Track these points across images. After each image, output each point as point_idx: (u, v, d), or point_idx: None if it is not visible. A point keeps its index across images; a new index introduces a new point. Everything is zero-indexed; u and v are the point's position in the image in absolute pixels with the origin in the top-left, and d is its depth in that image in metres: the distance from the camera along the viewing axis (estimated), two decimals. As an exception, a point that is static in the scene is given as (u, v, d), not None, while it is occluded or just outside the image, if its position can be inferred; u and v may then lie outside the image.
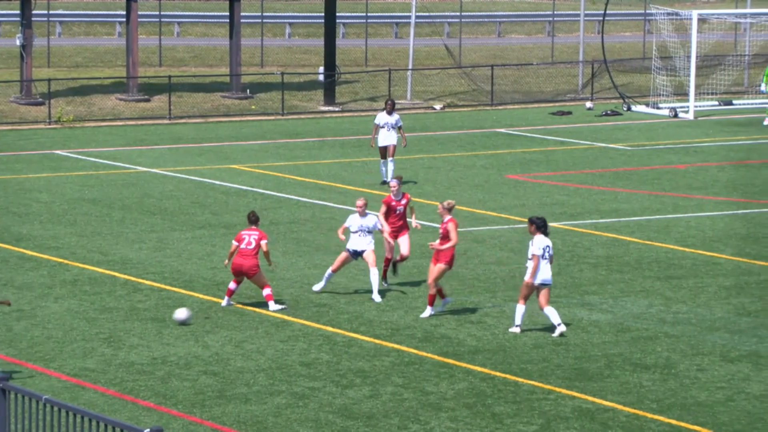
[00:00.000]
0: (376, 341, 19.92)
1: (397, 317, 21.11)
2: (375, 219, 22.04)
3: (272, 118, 42.29)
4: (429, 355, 19.28)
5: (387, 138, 31.01)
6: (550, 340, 20.14)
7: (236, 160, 34.75)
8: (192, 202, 29.61)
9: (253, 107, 43.10)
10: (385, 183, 30.83)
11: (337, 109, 43.68)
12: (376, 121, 31.14)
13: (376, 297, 21.89)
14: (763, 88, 42.08)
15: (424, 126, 41.11)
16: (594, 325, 20.97)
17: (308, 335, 20.14)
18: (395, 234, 22.38)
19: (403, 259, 22.58)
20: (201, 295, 22.12)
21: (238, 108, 42.93)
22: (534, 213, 29.03)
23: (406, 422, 16.80)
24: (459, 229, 21.34)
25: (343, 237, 21.98)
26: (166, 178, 32.31)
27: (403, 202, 22.66)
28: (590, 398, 17.72)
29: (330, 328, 20.47)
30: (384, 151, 31.12)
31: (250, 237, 21.19)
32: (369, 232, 21.92)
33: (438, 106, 44.77)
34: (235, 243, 21.22)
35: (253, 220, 21.45)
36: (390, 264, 22.59)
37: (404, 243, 22.49)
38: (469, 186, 31.91)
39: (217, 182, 31.71)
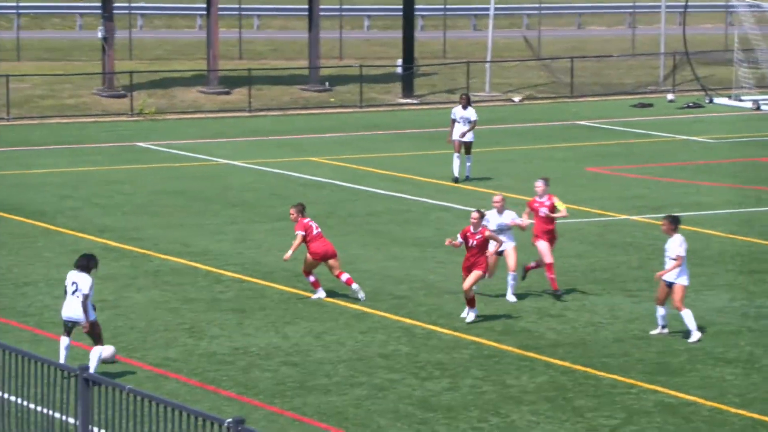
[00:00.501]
0: (455, 334, 19.90)
1: (477, 310, 21.05)
2: (512, 215, 21.29)
3: (350, 110, 42.38)
4: (509, 348, 19.23)
5: (462, 133, 30.71)
6: (631, 334, 20.00)
7: (314, 152, 34.88)
8: (271, 194, 29.78)
9: (331, 100, 43.23)
10: (456, 180, 30.50)
11: (415, 101, 43.67)
12: (452, 116, 30.95)
13: (511, 298, 21.32)
14: None
15: (502, 118, 40.97)
16: (676, 319, 20.77)
17: (387, 327, 20.17)
18: (547, 238, 21.34)
19: (538, 265, 21.52)
20: (281, 287, 22.24)
21: (317, 100, 43.08)
22: (613, 206, 28.85)
23: (486, 415, 16.77)
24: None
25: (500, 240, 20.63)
26: (246, 170, 32.52)
27: (548, 203, 21.58)
28: (672, 392, 17.58)
29: (409, 320, 20.48)
30: (459, 146, 30.78)
31: (313, 223, 21.22)
32: (507, 229, 21.19)
33: (517, 99, 44.59)
34: (301, 233, 21.11)
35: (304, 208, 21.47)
36: (551, 269, 21.34)
37: (545, 248, 21.34)
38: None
39: (296, 174, 31.86)
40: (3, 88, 39.57)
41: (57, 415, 13.87)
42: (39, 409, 13.65)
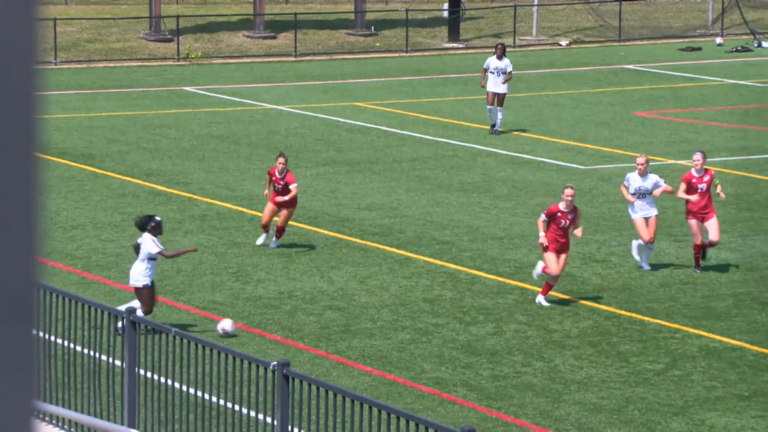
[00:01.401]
0: (500, 279, 19.90)
1: (521, 255, 21.05)
2: (656, 179, 19.93)
3: (396, 55, 42.21)
4: (553, 293, 19.20)
5: (495, 84, 29.37)
6: (677, 278, 19.93)
7: (360, 97, 34.81)
8: (316, 139, 29.78)
9: (377, 44, 43.08)
10: (493, 128, 29.60)
11: (461, 45, 43.43)
12: (485, 65, 29.64)
13: (645, 265, 20.00)
14: None
15: (549, 63, 40.69)
16: (722, 264, 20.67)
17: (431, 272, 20.20)
18: (702, 216, 19.93)
19: (712, 244, 20.05)
20: (326, 231, 22.30)
21: (363, 45, 42.94)
22: (661, 151, 28.65)
23: (530, 359, 16.79)
24: (588, 167, 21.12)
25: (631, 198, 19.85)
26: (292, 115, 32.52)
27: (706, 179, 20.05)
28: (717, 337, 17.53)
29: (453, 266, 20.50)
30: (492, 98, 29.53)
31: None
32: (648, 193, 19.76)
33: (564, 43, 44.25)
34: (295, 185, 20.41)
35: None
36: (700, 250, 20.06)
37: (713, 227, 19.90)
38: (594, 123, 31.55)
39: (341, 119, 31.83)
40: (50, 31, 39.68)
41: (104, 357, 14.03)
42: (86, 351, 13.81)
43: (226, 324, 17.23)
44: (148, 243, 17.09)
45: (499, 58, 29.63)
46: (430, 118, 31.98)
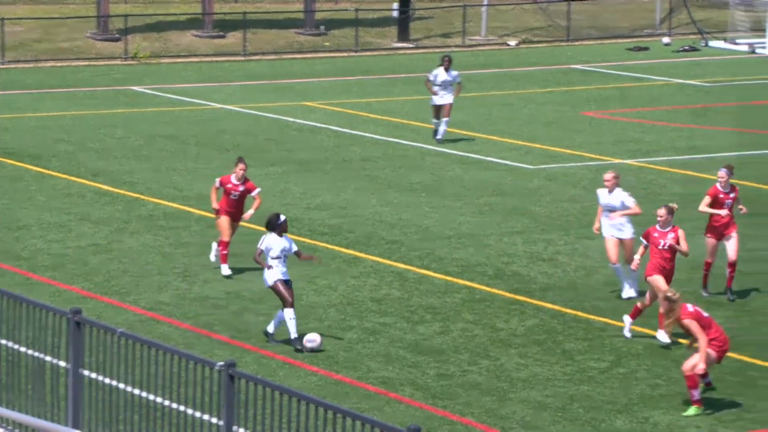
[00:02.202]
0: (447, 278, 19.97)
1: (468, 254, 21.13)
2: (624, 196, 18.62)
3: (345, 54, 42.23)
4: (500, 292, 19.31)
5: (443, 97, 28.24)
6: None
7: (310, 97, 34.80)
8: (266, 139, 29.75)
9: (326, 44, 43.08)
10: (440, 142, 28.45)
11: (410, 45, 43.51)
12: (432, 78, 28.35)
13: (625, 292, 18.70)
14: None
15: (498, 62, 40.85)
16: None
17: (379, 272, 20.23)
18: (721, 234, 18.72)
19: (731, 264, 18.88)
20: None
21: (312, 45, 42.93)
22: (608, 150, 28.82)
23: (476, 358, 16.87)
24: (536, 166, 21.21)
25: (597, 226, 18.66)
26: (240, 114, 32.46)
27: (732, 195, 19.06)
28: (662, 336, 17.64)
29: (401, 265, 20.54)
30: (438, 111, 28.37)
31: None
32: (613, 210, 18.52)
33: (513, 42, 44.44)
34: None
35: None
36: (710, 268, 18.97)
37: (732, 246, 18.78)
38: (543, 123, 31.72)
39: (291, 119, 31.81)
40: (-3, 31, 39.41)
41: (48, 358, 13.95)
42: (30, 352, 13.72)
43: (314, 340, 16.78)
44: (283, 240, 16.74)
45: (447, 70, 28.55)
46: (380, 118, 32.02)
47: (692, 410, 15.21)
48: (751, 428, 14.97)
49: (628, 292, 18.84)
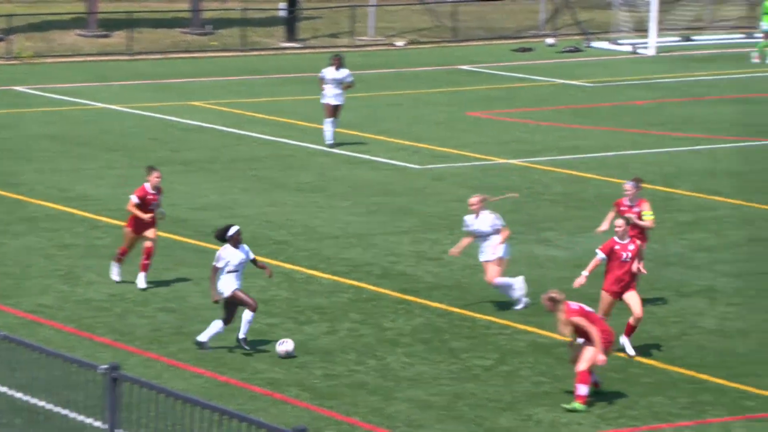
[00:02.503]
0: (335, 278, 20.01)
1: (356, 254, 21.20)
2: (492, 220, 18.08)
3: (232, 54, 42.05)
4: (387, 291, 19.40)
5: (334, 96, 27.82)
6: (507, 275, 20.26)
7: (196, 96, 34.59)
8: (151, 138, 29.51)
9: (213, 43, 42.85)
10: (331, 146, 28.12)
11: (298, 45, 43.48)
12: (321, 76, 28.09)
13: (520, 303, 18.32)
14: (764, 26, 41.45)
15: (386, 63, 41.01)
16: (551, 261, 21.12)
17: (267, 272, 20.17)
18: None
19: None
20: (160, 233, 22.06)
21: (198, 44, 42.67)
22: (493, 150, 29.09)
23: (363, 357, 16.93)
24: (423, 166, 21.33)
25: (456, 252, 18.28)
26: (126, 114, 32.15)
27: (636, 210, 18.21)
28: (545, 333, 17.89)
29: (289, 265, 20.53)
30: (331, 110, 27.97)
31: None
32: (486, 236, 18.02)
33: (400, 43, 44.64)
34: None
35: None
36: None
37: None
38: (430, 123, 31.92)
39: (176, 119, 31.59)
40: None
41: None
42: None
43: (288, 346, 16.62)
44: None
45: (337, 68, 28.19)
46: (267, 118, 31.95)
47: (576, 405, 15.41)
48: (633, 425, 15.25)
49: (520, 301, 18.70)
